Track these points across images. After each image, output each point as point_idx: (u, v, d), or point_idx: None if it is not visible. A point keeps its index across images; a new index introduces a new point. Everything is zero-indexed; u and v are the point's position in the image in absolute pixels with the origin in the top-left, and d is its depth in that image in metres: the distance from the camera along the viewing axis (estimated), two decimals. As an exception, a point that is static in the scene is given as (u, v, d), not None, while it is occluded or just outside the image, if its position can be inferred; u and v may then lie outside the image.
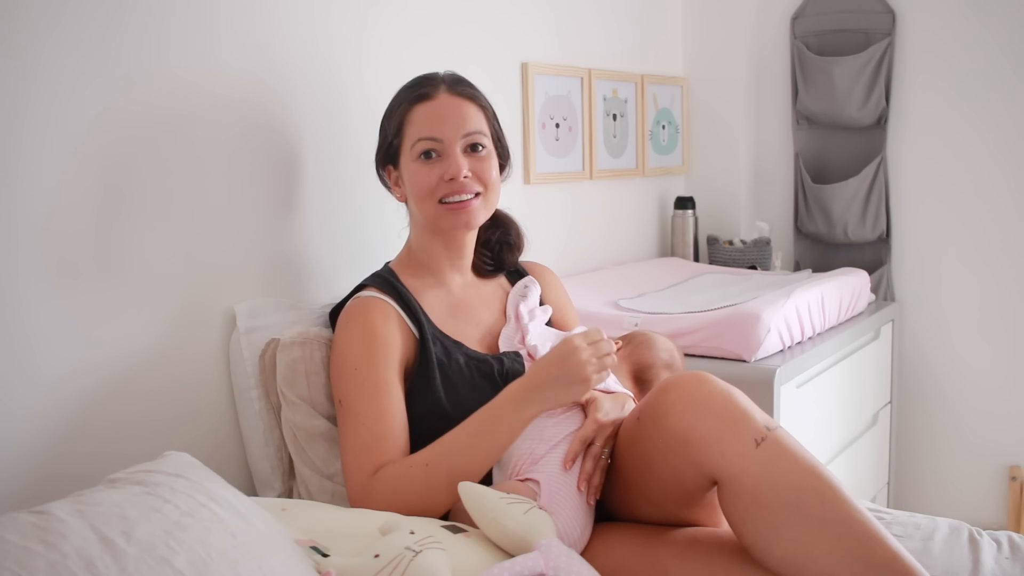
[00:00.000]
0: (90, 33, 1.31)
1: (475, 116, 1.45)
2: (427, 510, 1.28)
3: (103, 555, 0.84)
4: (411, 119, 1.44)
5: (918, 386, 2.77)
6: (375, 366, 1.36)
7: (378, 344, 1.37)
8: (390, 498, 1.28)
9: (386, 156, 1.50)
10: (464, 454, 1.29)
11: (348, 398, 1.36)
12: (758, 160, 2.96)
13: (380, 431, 1.33)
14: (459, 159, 1.41)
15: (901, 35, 2.68)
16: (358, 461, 1.32)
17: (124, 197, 1.37)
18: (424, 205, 1.44)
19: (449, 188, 1.42)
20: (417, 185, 1.43)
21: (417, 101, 1.44)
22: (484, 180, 1.44)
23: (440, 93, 1.44)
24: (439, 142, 1.42)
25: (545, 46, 2.31)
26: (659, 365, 1.53)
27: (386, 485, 1.29)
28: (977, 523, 1.70)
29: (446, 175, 1.41)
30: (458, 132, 1.42)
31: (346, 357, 1.38)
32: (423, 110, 1.43)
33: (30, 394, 1.27)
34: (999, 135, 2.58)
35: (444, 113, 1.43)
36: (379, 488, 1.29)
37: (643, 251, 2.80)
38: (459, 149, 1.42)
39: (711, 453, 1.15)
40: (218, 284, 1.51)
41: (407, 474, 1.30)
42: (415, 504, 1.27)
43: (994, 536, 1.45)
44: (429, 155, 1.42)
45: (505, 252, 1.59)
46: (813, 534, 1.09)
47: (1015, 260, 2.60)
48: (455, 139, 1.42)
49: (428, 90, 1.44)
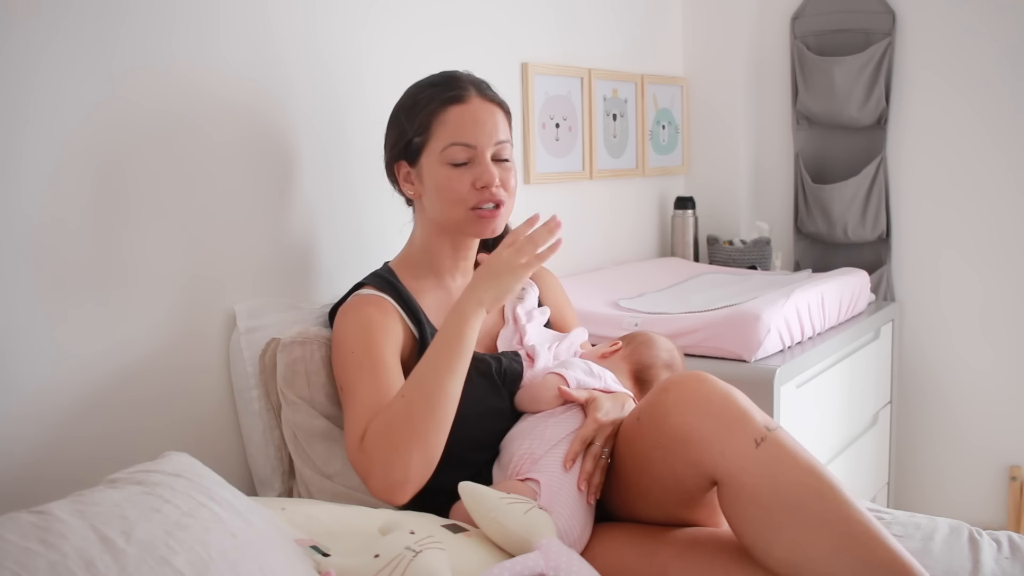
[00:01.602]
0: (89, 33, 1.31)
1: (503, 124, 1.46)
2: (419, 443, 1.24)
3: (103, 555, 0.84)
4: (444, 120, 1.41)
5: (918, 386, 2.77)
6: (371, 348, 1.35)
7: (375, 330, 1.37)
8: (380, 444, 1.24)
9: (402, 152, 1.47)
10: (433, 376, 1.27)
11: (347, 381, 1.35)
12: (758, 160, 2.97)
13: (375, 402, 1.30)
14: (491, 168, 1.41)
15: (901, 35, 2.68)
16: (354, 430, 1.29)
17: (124, 197, 1.37)
18: (453, 210, 1.43)
19: (480, 196, 1.41)
20: (448, 190, 1.42)
21: (450, 102, 1.42)
22: (509, 190, 1.45)
23: (473, 97, 1.43)
24: (473, 148, 1.41)
25: (545, 46, 2.31)
26: (659, 365, 1.53)
27: (374, 433, 1.26)
28: (977, 523, 1.70)
29: (478, 183, 1.40)
30: (491, 140, 1.42)
31: (344, 344, 1.38)
32: (456, 113, 1.41)
33: (30, 394, 1.27)
34: (999, 135, 2.58)
35: (479, 119, 1.42)
36: (369, 439, 1.26)
37: (643, 251, 2.80)
38: (489, 157, 1.42)
39: (711, 453, 1.15)
40: (218, 284, 1.51)
41: (388, 412, 1.26)
42: (404, 438, 1.23)
43: (994, 536, 1.45)
44: (459, 162, 1.41)
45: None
46: (813, 534, 1.09)
47: (1015, 260, 2.60)
48: (488, 146, 1.42)
49: (460, 92, 1.42)
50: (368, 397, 1.31)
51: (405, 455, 1.23)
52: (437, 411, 1.25)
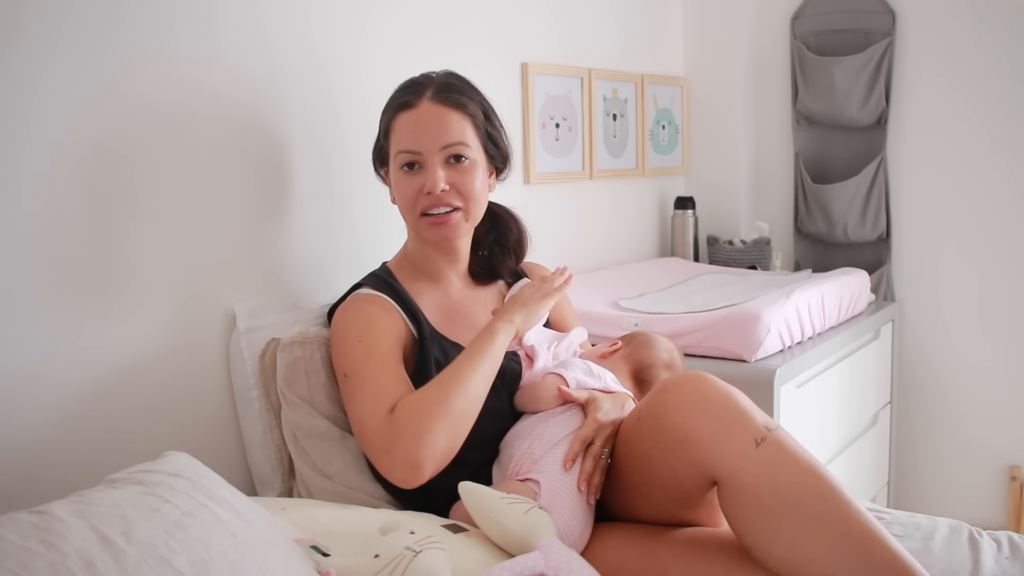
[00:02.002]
0: (88, 33, 1.31)
1: (457, 125, 1.42)
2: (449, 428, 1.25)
3: (103, 555, 0.84)
4: (394, 127, 1.43)
5: (918, 386, 2.77)
6: (378, 338, 1.36)
7: (378, 323, 1.38)
8: (413, 419, 1.24)
9: (377, 156, 1.51)
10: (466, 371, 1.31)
11: (354, 367, 1.34)
12: (758, 160, 2.96)
13: (390, 381, 1.31)
14: (436, 173, 1.40)
15: (901, 35, 2.68)
16: (373, 407, 1.28)
17: (123, 197, 1.37)
18: (407, 215, 1.45)
19: (427, 201, 1.41)
20: (399, 196, 1.45)
21: (400, 109, 1.43)
22: (464, 192, 1.42)
23: (423, 102, 1.41)
24: (418, 154, 1.41)
25: (545, 46, 2.31)
26: (659, 365, 1.53)
27: (406, 412, 1.25)
28: (977, 523, 1.70)
29: (424, 188, 1.41)
30: (436, 144, 1.40)
31: (348, 335, 1.37)
32: (404, 120, 1.42)
33: (31, 393, 1.27)
34: (999, 135, 2.58)
35: (424, 124, 1.41)
36: (400, 418, 1.25)
37: (643, 251, 2.80)
38: (439, 161, 1.40)
39: (711, 453, 1.15)
40: (218, 284, 1.51)
41: (423, 393, 1.28)
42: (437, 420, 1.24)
43: (994, 536, 1.45)
44: (412, 166, 1.42)
45: (500, 256, 1.58)
46: (813, 534, 1.09)
47: (1015, 259, 2.60)
48: (434, 151, 1.40)
49: (411, 98, 1.42)
50: (382, 378, 1.31)
51: (435, 435, 1.23)
52: (469, 401, 1.29)
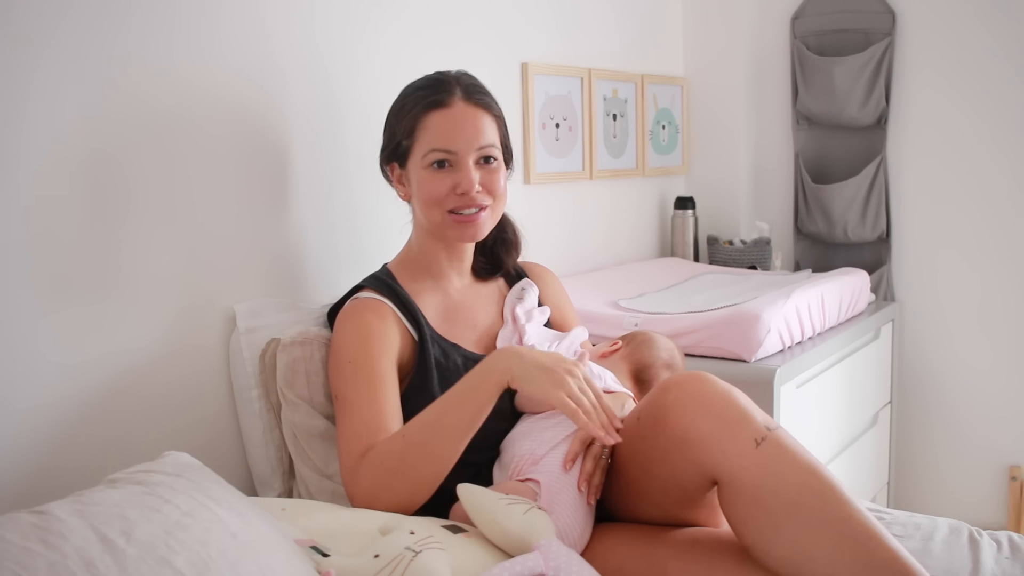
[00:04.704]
0: (88, 34, 1.31)
1: (489, 128, 1.43)
2: (407, 487, 1.26)
3: (103, 555, 0.84)
4: (425, 125, 1.41)
5: (918, 386, 2.77)
6: (369, 358, 1.36)
7: (373, 339, 1.37)
8: (372, 475, 1.26)
9: (393, 154, 1.48)
10: (436, 430, 1.27)
11: (343, 390, 1.36)
12: (758, 160, 2.96)
13: (371, 418, 1.32)
14: (471, 173, 1.40)
15: (901, 35, 2.68)
16: (350, 447, 1.31)
17: (122, 198, 1.37)
18: (431, 213, 1.43)
19: (460, 201, 1.41)
20: (426, 193, 1.42)
21: (432, 107, 1.41)
22: (493, 192, 1.44)
23: (456, 101, 1.41)
24: (453, 154, 1.40)
25: (545, 46, 2.31)
26: (659, 365, 1.53)
27: (369, 463, 1.28)
28: (977, 523, 1.70)
29: (458, 188, 1.40)
30: (472, 145, 1.41)
31: (341, 352, 1.38)
32: (438, 118, 1.41)
33: (31, 393, 1.27)
34: (999, 135, 2.58)
35: (460, 125, 1.41)
36: (364, 468, 1.28)
37: (643, 251, 2.80)
38: (471, 161, 1.41)
39: (711, 453, 1.15)
40: (218, 284, 1.51)
41: (387, 447, 1.28)
42: (395, 480, 1.25)
43: (994, 536, 1.45)
44: (442, 164, 1.41)
45: (502, 252, 1.59)
46: (813, 534, 1.09)
47: (1016, 259, 2.60)
48: (469, 152, 1.40)
49: (443, 96, 1.41)
50: (364, 412, 1.32)
51: (391, 495, 1.26)
52: (431, 465, 1.26)
